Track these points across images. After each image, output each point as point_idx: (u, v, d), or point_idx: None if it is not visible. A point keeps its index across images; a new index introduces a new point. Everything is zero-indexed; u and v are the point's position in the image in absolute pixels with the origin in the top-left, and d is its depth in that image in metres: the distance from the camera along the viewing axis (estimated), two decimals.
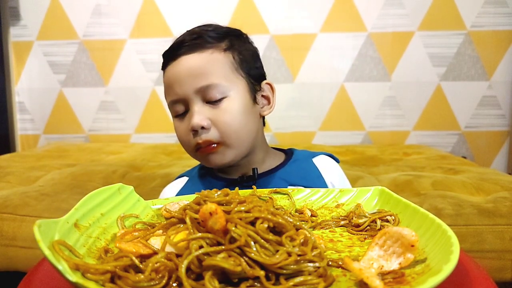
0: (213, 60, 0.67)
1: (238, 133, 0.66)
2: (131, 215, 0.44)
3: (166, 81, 0.69)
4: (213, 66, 0.66)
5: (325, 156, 0.78)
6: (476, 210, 0.89)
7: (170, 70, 0.68)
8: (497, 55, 1.81)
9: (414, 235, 0.33)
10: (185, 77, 0.65)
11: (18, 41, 1.95)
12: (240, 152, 0.68)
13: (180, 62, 0.67)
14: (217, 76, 0.65)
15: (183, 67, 0.66)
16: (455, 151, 1.87)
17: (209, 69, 0.65)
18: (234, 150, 0.67)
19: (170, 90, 0.68)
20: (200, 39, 0.68)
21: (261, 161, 0.73)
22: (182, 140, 0.69)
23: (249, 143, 0.69)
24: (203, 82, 0.65)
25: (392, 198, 0.48)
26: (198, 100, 0.65)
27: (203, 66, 0.66)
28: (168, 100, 0.69)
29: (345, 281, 0.32)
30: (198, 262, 0.30)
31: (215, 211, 0.32)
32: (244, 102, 0.68)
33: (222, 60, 0.67)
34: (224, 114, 0.65)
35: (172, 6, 1.88)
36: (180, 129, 0.69)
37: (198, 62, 0.66)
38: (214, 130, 0.65)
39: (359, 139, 1.91)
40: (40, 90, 1.98)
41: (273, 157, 0.76)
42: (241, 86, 0.68)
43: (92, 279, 0.29)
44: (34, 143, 2.02)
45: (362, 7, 1.82)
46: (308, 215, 0.49)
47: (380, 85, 1.86)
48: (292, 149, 0.79)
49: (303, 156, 0.76)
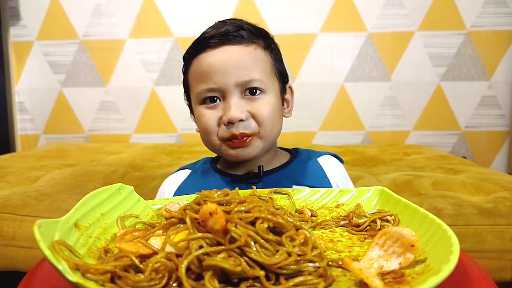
0: (257, 56, 0.67)
1: (273, 126, 0.67)
2: (131, 215, 0.44)
3: (203, 68, 0.66)
4: (257, 62, 0.66)
5: (330, 156, 0.78)
6: (476, 210, 0.89)
7: (210, 58, 0.66)
8: (497, 55, 1.81)
9: (414, 235, 0.33)
10: (229, 68, 0.64)
11: (18, 41, 1.95)
12: (267, 146, 0.69)
13: (224, 51, 0.65)
14: (259, 72, 0.66)
15: (228, 57, 0.65)
16: (455, 151, 1.87)
17: (254, 65, 0.65)
18: (265, 142, 0.67)
19: (207, 77, 0.66)
20: (245, 33, 0.67)
21: (269, 159, 0.73)
22: (209, 129, 0.67)
23: (275, 140, 0.71)
24: (247, 76, 0.64)
25: (392, 198, 0.48)
26: (236, 93, 0.65)
27: (249, 61, 0.65)
28: (201, 87, 0.67)
29: (345, 281, 0.32)
30: (198, 262, 0.30)
31: (215, 211, 0.32)
32: (277, 101, 0.69)
33: (263, 57, 0.68)
34: (263, 107, 0.66)
35: (172, 6, 1.88)
36: (208, 117, 0.67)
37: (244, 55, 0.65)
38: (250, 122, 0.65)
39: (359, 139, 1.91)
40: (40, 90, 1.98)
41: (280, 156, 0.76)
42: (275, 86, 0.69)
43: (92, 279, 0.29)
44: (34, 143, 2.02)
45: (362, 7, 1.82)
46: (308, 215, 0.49)
47: (380, 85, 1.86)
48: (297, 149, 0.79)
49: (308, 155, 0.76)
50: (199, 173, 0.76)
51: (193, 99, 0.71)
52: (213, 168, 0.75)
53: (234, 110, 0.63)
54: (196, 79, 0.68)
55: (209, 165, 0.77)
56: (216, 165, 0.76)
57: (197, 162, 0.81)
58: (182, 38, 1.89)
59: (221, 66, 0.64)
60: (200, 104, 0.68)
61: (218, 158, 0.80)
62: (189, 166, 0.80)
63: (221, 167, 0.76)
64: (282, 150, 0.79)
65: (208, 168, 0.76)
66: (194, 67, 0.69)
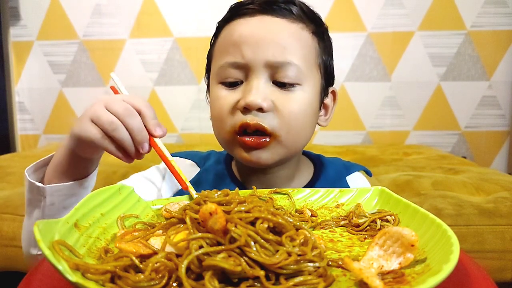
0: (301, 38, 0.55)
1: (299, 131, 0.55)
2: (131, 215, 0.44)
3: (233, 38, 0.55)
4: (299, 43, 0.54)
5: (360, 174, 0.67)
6: (476, 210, 0.89)
7: (243, 26, 0.55)
8: (497, 55, 1.81)
9: (414, 235, 0.33)
10: (263, 42, 0.53)
11: (18, 41, 1.95)
12: (288, 156, 0.57)
13: (262, 21, 0.54)
14: (299, 57, 0.54)
15: (266, 29, 0.53)
16: (455, 151, 1.87)
17: (295, 46, 0.54)
18: (285, 150, 0.55)
19: (234, 49, 0.54)
20: (294, 7, 0.56)
21: (290, 175, 0.62)
22: (222, 115, 0.55)
23: (299, 149, 0.60)
24: (282, 57, 0.53)
25: (392, 198, 0.48)
26: (264, 75, 0.53)
27: (290, 40, 0.54)
28: (225, 60, 0.55)
29: (345, 281, 0.32)
30: (198, 262, 0.30)
31: (215, 211, 0.32)
32: (313, 100, 0.57)
33: (309, 42, 0.56)
34: (292, 102, 0.54)
35: (172, 6, 1.88)
36: (223, 101, 0.55)
37: (285, 31, 0.54)
38: (272, 117, 0.53)
39: (359, 139, 1.91)
40: (40, 90, 1.98)
41: (302, 170, 0.65)
42: (316, 81, 0.57)
43: (92, 279, 0.29)
44: (34, 143, 2.02)
45: (362, 7, 1.82)
46: (308, 215, 0.49)
47: (380, 85, 1.86)
48: (322, 159, 0.68)
49: (336, 172, 0.65)
50: (211, 177, 0.64)
51: (212, 75, 0.59)
52: (230, 176, 0.64)
53: (255, 93, 0.52)
54: (222, 50, 0.56)
55: (223, 167, 0.65)
56: (232, 170, 0.65)
57: (206, 156, 0.68)
58: (182, 38, 1.89)
59: (254, 38, 0.53)
60: (218, 83, 0.57)
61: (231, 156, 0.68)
62: (197, 161, 0.68)
63: (238, 174, 0.64)
64: (304, 157, 0.68)
65: (223, 174, 0.64)
66: (223, 35, 0.58)
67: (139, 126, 0.48)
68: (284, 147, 0.55)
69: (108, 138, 0.48)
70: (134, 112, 0.48)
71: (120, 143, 0.48)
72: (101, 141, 0.47)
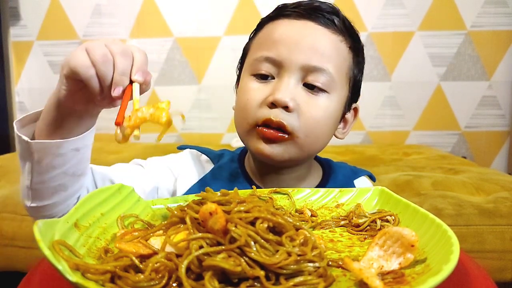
0: (339, 49, 0.58)
1: (317, 138, 0.58)
2: (131, 215, 0.44)
3: (274, 35, 0.57)
4: (336, 54, 0.57)
5: (366, 179, 0.70)
6: (476, 210, 0.89)
7: (286, 26, 0.57)
8: (497, 55, 1.81)
9: (414, 235, 0.33)
10: (303, 45, 0.55)
11: (18, 41, 1.95)
12: (300, 159, 0.60)
13: (306, 26, 0.57)
14: (333, 66, 0.56)
15: (308, 34, 0.56)
16: (455, 151, 1.87)
17: (331, 55, 0.57)
18: (298, 151, 0.57)
19: (273, 45, 0.57)
20: (337, 20, 0.59)
21: (301, 177, 0.65)
22: (248, 106, 0.57)
23: (312, 154, 0.62)
24: (318, 62, 0.55)
25: (392, 198, 0.48)
26: (296, 76, 0.56)
27: (328, 49, 0.56)
28: (261, 53, 0.57)
29: (345, 281, 0.32)
30: (198, 262, 0.30)
31: (215, 211, 0.32)
32: (336, 111, 0.59)
33: (345, 55, 0.59)
34: (317, 107, 0.56)
35: (172, 6, 1.88)
36: (253, 93, 0.57)
37: (326, 40, 0.57)
38: (295, 117, 0.55)
39: (359, 139, 1.91)
40: (40, 90, 1.98)
41: (313, 173, 0.67)
42: (343, 93, 0.60)
43: (92, 279, 0.29)
44: None
45: (362, 7, 1.82)
46: (308, 215, 0.49)
47: (380, 85, 1.86)
48: (330, 163, 0.70)
49: (344, 176, 0.67)
50: (226, 175, 0.65)
51: (245, 67, 0.62)
52: (243, 175, 0.65)
53: (284, 91, 0.54)
54: (260, 44, 0.59)
55: (237, 166, 0.67)
56: (245, 169, 0.66)
57: (220, 154, 0.70)
58: (182, 38, 1.89)
59: (295, 39, 0.55)
60: (251, 75, 0.59)
61: (244, 156, 0.70)
62: (211, 156, 0.69)
63: (251, 173, 0.66)
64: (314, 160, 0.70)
65: (237, 173, 0.66)
66: (265, 30, 0.60)
67: (124, 69, 0.47)
68: (299, 148, 0.57)
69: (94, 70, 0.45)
70: (129, 55, 0.47)
71: (102, 79, 0.46)
72: (86, 70, 0.45)
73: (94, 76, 0.45)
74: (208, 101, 1.87)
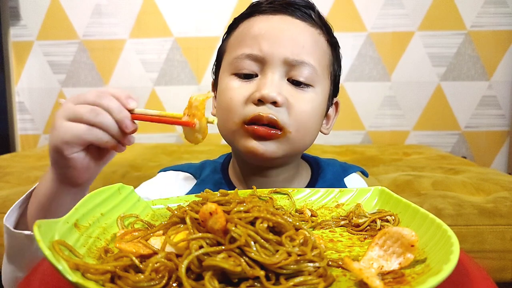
0: (318, 42, 0.57)
1: (307, 132, 0.56)
2: (131, 215, 0.44)
3: (252, 31, 0.56)
4: (316, 47, 0.56)
5: (357, 176, 0.69)
6: (476, 210, 0.89)
7: (264, 22, 0.56)
8: (497, 55, 1.81)
9: (414, 235, 0.33)
10: (283, 39, 0.54)
11: (18, 41, 1.95)
12: (291, 153, 0.58)
13: (283, 20, 0.56)
14: (315, 59, 0.55)
15: (287, 28, 0.55)
16: (455, 151, 1.87)
17: (312, 48, 0.56)
18: (290, 147, 0.56)
19: (253, 42, 0.55)
20: (313, 13, 0.58)
21: (290, 178, 0.63)
22: (232, 105, 0.55)
23: (302, 150, 0.60)
24: (300, 56, 0.54)
25: (392, 198, 0.48)
26: (280, 71, 0.54)
27: (308, 41, 0.55)
28: (241, 51, 0.55)
29: (345, 281, 0.32)
30: (198, 262, 0.30)
31: (215, 211, 0.32)
32: (322, 104, 0.58)
33: (324, 48, 0.59)
34: (305, 101, 0.55)
35: (172, 6, 1.88)
36: (236, 91, 0.55)
37: (305, 33, 0.56)
38: (284, 112, 0.54)
39: (359, 139, 1.91)
40: (40, 90, 1.98)
41: (301, 172, 0.66)
42: (326, 86, 0.59)
43: (92, 279, 0.29)
44: (34, 143, 2.02)
45: (362, 7, 1.82)
46: (308, 215, 0.49)
47: (380, 85, 1.86)
48: (318, 161, 0.68)
49: (333, 174, 0.65)
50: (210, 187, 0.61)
51: (223, 67, 0.59)
52: (227, 184, 0.63)
53: (271, 87, 0.52)
54: (239, 42, 0.57)
55: (220, 176, 0.64)
56: (229, 178, 0.64)
57: (201, 166, 0.67)
58: (182, 38, 1.89)
59: (275, 34, 0.54)
60: (231, 74, 0.57)
61: (228, 164, 0.67)
62: (191, 171, 0.66)
63: (237, 181, 0.63)
64: (301, 160, 0.68)
65: (221, 183, 0.63)
66: (241, 29, 0.58)
67: (117, 105, 0.46)
68: (291, 144, 0.56)
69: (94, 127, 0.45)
70: (107, 95, 0.46)
71: (106, 129, 0.46)
72: (88, 132, 0.44)
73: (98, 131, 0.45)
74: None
